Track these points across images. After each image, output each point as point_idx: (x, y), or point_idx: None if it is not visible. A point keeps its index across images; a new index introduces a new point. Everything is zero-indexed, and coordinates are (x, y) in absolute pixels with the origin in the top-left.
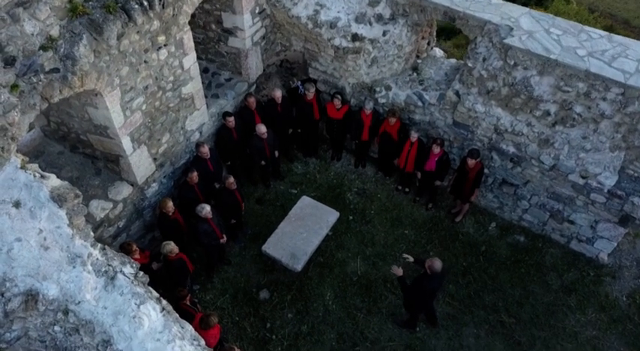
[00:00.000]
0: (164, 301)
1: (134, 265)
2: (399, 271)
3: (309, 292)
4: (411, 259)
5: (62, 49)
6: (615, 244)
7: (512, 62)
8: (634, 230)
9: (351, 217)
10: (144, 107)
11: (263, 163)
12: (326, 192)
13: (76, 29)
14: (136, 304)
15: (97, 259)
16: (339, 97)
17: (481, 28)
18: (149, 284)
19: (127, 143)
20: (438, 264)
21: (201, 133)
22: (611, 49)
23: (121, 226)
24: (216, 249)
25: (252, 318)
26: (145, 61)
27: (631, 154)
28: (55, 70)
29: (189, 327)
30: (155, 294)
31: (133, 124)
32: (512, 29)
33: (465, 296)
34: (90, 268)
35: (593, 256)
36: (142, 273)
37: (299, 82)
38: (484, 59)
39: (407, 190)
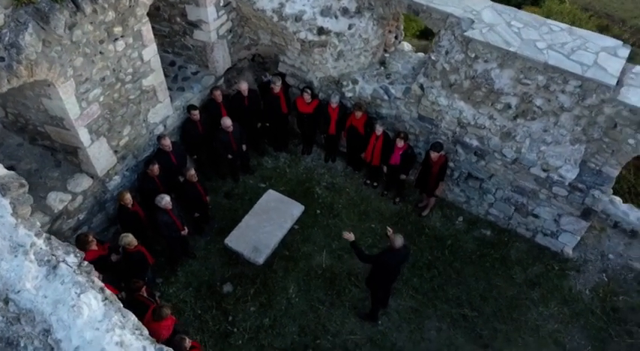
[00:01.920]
0: (107, 291)
1: (78, 255)
2: (350, 236)
3: (273, 285)
4: (391, 232)
5: (7, 38)
6: (579, 238)
7: (473, 55)
8: (599, 224)
9: (318, 211)
10: (101, 99)
11: (230, 156)
12: (295, 186)
13: (21, 18)
14: (76, 293)
15: (41, 248)
16: (309, 91)
17: (444, 21)
18: (108, 276)
19: (84, 135)
20: (399, 240)
21: (165, 126)
22: (571, 41)
23: (81, 219)
24: (178, 241)
25: (215, 311)
26: (101, 53)
27: (592, 147)
28: (0, 58)
29: (132, 317)
30: (98, 283)
31: (90, 116)
32: (473, 22)
33: (428, 289)
34: (32, 257)
35: (558, 250)
36: (86, 263)
37: (271, 77)
38: (447, 52)
39: (375, 184)
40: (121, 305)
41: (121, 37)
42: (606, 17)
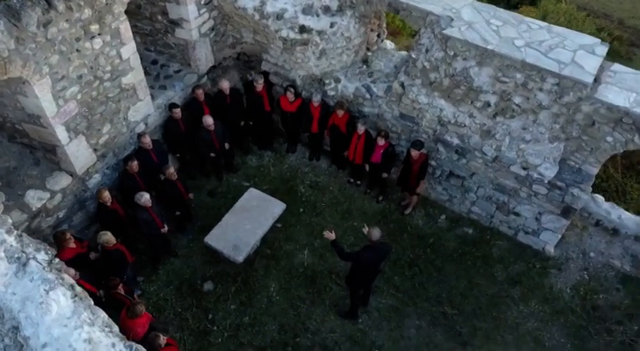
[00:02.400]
0: (78, 288)
1: (49, 252)
2: (331, 236)
3: (253, 283)
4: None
5: None
6: (559, 236)
7: (452, 53)
8: (581, 223)
9: (301, 210)
10: (79, 97)
11: (212, 155)
12: (279, 185)
13: None
14: (45, 290)
15: (11, 245)
16: (292, 89)
17: (424, 19)
18: (87, 273)
19: (61, 133)
20: (375, 233)
21: (146, 124)
22: (549, 39)
23: (61, 217)
24: (158, 239)
25: (195, 309)
26: (78, 50)
27: (571, 145)
28: None
29: (102, 314)
30: (69, 280)
31: (68, 114)
32: (452, 20)
33: (409, 288)
34: (2, 254)
35: (539, 248)
36: (57, 260)
37: (253, 75)
38: (427, 50)
39: (358, 182)
40: (92, 302)
41: (98, 34)
42: (604, 17)
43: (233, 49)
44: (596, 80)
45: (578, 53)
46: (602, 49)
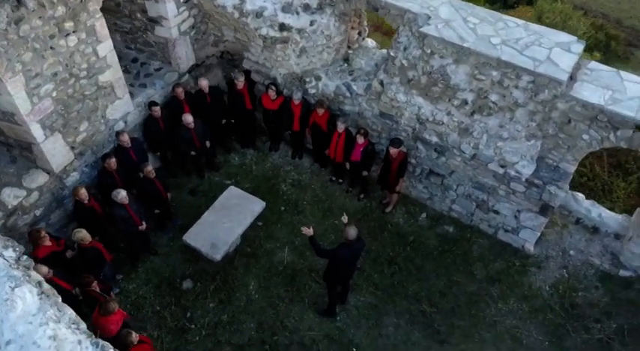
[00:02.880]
0: (46, 285)
1: (17, 249)
2: (309, 231)
3: (233, 282)
4: (345, 220)
5: None
6: (538, 234)
7: (429, 51)
8: (562, 221)
9: (283, 208)
10: (54, 94)
11: (193, 153)
12: (261, 183)
13: None
14: (10, 287)
15: None
16: (274, 87)
17: (402, 17)
18: (63, 271)
19: (36, 130)
20: (351, 231)
21: (126, 122)
22: (525, 37)
23: (38, 215)
24: (137, 237)
25: (174, 307)
26: (52, 48)
27: (548, 143)
28: None
29: (70, 311)
30: (37, 277)
31: (43, 111)
32: (430, 18)
33: (388, 286)
34: None
35: (519, 246)
36: (25, 257)
37: (237, 73)
38: (405, 48)
39: (340, 181)
40: (59, 299)
41: (73, 32)
42: (602, 17)
43: (216, 48)
44: (572, 78)
45: (554, 51)
46: (578, 47)
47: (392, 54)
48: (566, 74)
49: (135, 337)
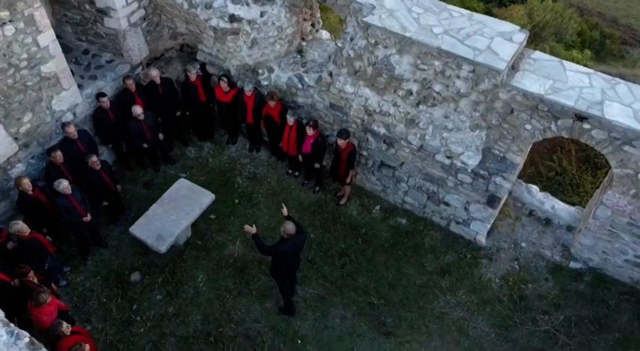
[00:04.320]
0: None
1: None
2: (251, 230)
3: (181, 274)
4: (285, 212)
5: None
6: (489, 226)
7: (373, 41)
8: (515, 213)
9: (237, 201)
10: None
11: (145, 145)
12: (216, 176)
13: None
14: None
15: None
16: (226, 79)
17: (348, 7)
18: (6, 263)
19: None
20: (289, 226)
21: (74, 114)
22: (468, 27)
23: None
24: (82, 228)
25: (120, 299)
26: None
27: (494, 133)
28: None
29: None
30: None
31: None
32: (374, 8)
33: (338, 277)
34: None
35: (471, 238)
36: None
37: (189, 65)
38: (351, 39)
39: (297, 173)
40: None
41: (10, 21)
42: (598, 15)
43: (174, 41)
44: (515, 67)
45: (495, 40)
46: (520, 36)
47: (339, 45)
48: (504, 63)
49: (66, 327)
